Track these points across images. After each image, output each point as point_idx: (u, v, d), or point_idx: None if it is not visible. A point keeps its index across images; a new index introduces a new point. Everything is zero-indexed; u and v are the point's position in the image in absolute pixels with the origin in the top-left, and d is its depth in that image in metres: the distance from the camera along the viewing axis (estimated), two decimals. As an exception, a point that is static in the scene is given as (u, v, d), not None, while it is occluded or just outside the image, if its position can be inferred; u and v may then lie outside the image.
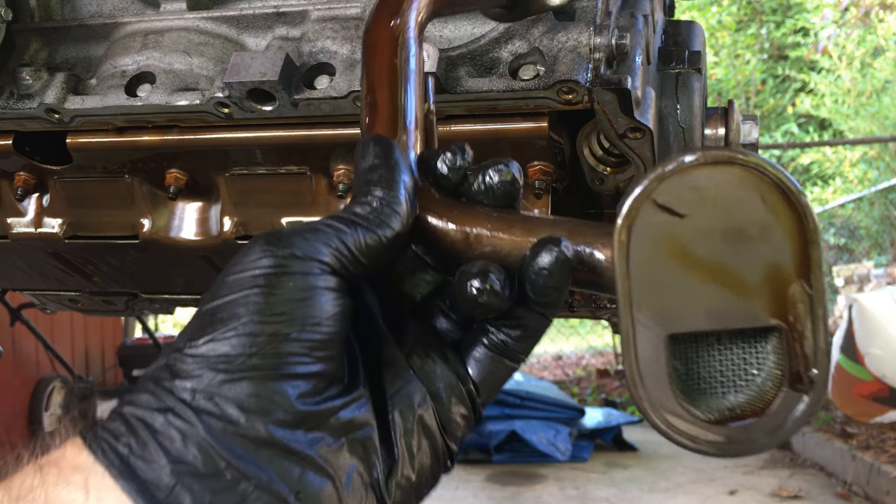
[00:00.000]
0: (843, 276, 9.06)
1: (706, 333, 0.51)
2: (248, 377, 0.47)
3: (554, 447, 5.80)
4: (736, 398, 0.51)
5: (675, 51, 1.14)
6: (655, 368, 0.50)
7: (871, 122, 10.68)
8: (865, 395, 5.34)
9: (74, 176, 1.24)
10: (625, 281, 0.49)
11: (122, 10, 1.14)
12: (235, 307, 0.48)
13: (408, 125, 0.58)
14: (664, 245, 0.49)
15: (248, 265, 0.50)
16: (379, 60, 0.59)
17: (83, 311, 1.78)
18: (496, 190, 0.57)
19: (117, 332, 8.04)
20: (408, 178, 0.55)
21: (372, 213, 0.53)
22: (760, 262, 0.49)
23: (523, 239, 0.54)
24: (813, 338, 0.49)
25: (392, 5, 0.60)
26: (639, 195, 0.49)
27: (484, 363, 0.56)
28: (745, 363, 0.51)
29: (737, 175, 0.49)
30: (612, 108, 0.92)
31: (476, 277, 0.52)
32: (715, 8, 12.15)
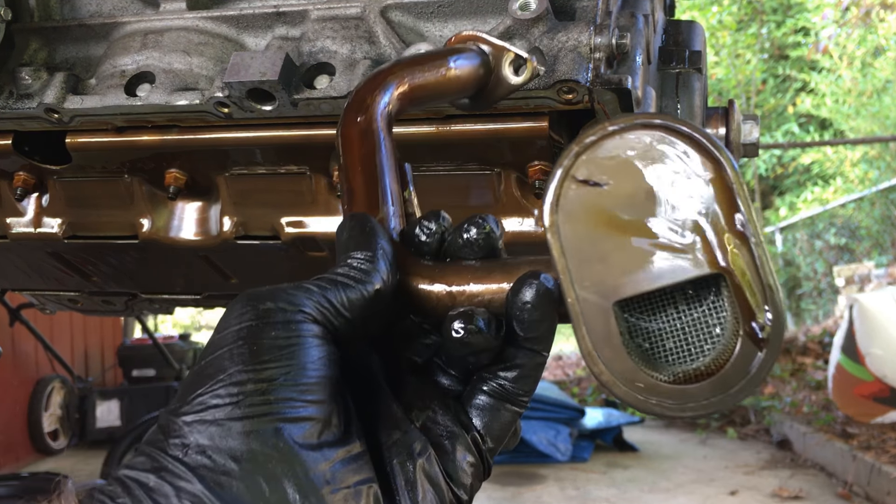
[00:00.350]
0: (843, 276, 9.06)
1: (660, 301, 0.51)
2: (239, 426, 0.47)
3: (554, 447, 5.80)
4: (704, 359, 0.51)
5: (675, 50, 1.13)
6: (609, 340, 0.50)
7: (871, 122, 10.68)
8: (866, 396, 5.34)
9: (74, 176, 1.24)
10: (561, 259, 0.51)
11: (122, 9, 1.14)
12: (221, 361, 0.49)
13: (384, 203, 0.61)
14: (593, 217, 0.51)
15: (232, 322, 0.51)
16: (349, 152, 0.62)
17: (82, 311, 1.78)
18: (476, 243, 0.59)
19: (117, 333, 8.05)
20: (385, 242, 0.57)
21: (352, 271, 0.55)
22: (689, 216, 0.50)
23: (504, 283, 0.55)
24: (759, 278, 0.49)
25: (357, 104, 0.64)
26: (559, 176, 0.51)
27: (486, 410, 0.56)
28: (708, 324, 0.51)
29: (648, 136, 0.50)
30: (612, 108, 0.92)
31: (458, 319, 0.53)
32: (715, 7, 12.15)
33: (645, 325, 0.52)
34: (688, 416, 0.51)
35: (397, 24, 1.03)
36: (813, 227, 11.47)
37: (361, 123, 0.63)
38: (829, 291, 10.79)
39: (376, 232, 0.58)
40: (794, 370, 7.65)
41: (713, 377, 0.50)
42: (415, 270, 0.58)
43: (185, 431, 0.47)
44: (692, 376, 0.51)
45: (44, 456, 6.40)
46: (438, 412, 0.56)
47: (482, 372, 0.57)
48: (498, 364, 0.56)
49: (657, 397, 0.50)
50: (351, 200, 0.61)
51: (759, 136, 1.17)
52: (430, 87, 0.68)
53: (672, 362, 0.51)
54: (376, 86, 0.66)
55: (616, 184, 0.51)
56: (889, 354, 5.08)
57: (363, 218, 0.59)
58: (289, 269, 1.38)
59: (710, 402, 0.50)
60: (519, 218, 1.15)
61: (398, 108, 0.66)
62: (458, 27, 1.02)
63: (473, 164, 1.11)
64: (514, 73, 0.74)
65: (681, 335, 0.52)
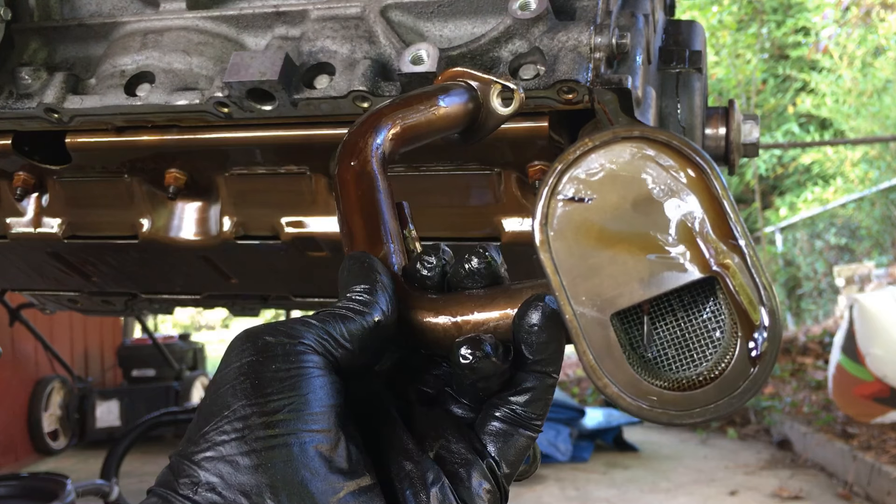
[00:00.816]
0: (843, 276, 9.06)
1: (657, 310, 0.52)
2: (247, 461, 0.47)
3: (554, 447, 5.80)
4: (707, 363, 0.51)
5: (675, 50, 1.13)
6: (610, 352, 0.51)
7: (871, 122, 10.68)
8: (866, 396, 5.33)
9: (74, 176, 1.24)
10: (555, 276, 0.51)
11: (122, 9, 1.14)
12: (224, 398, 0.49)
13: (384, 242, 0.62)
14: (582, 232, 0.51)
15: (232, 359, 0.51)
16: (346, 196, 0.64)
17: (82, 311, 1.78)
18: (478, 273, 0.59)
19: (116, 333, 8.04)
20: (384, 276, 0.58)
21: (352, 304, 0.56)
22: (677, 222, 0.50)
23: (508, 309, 0.56)
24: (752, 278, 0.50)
25: (350, 148, 0.66)
26: (545, 194, 0.51)
27: (500, 436, 0.57)
28: (708, 328, 0.52)
29: (627, 149, 0.51)
30: (612, 108, 0.92)
31: (465, 345, 0.54)
32: (716, 7, 12.14)
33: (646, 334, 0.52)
34: (696, 421, 0.51)
35: (397, 24, 1.02)
36: (813, 227, 11.46)
37: (356, 167, 0.64)
38: (829, 291, 10.79)
39: (374, 266, 0.59)
40: (795, 370, 7.64)
41: (717, 380, 0.50)
42: (419, 304, 0.59)
43: (194, 470, 0.48)
44: (696, 382, 0.51)
45: (44, 456, 6.40)
46: (452, 440, 0.56)
47: (493, 398, 0.57)
48: (508, 389, 0.57)
49: (663, 406, 0.50)
50: (351, 242, 0.62)
51: (759, 136, 1.17)
52: (421, 127, 0.70)
53: (675, 369, 0.52)
54: (368, 129, 0.67)
55: (602, 197, 0.51)
56: (889, 354, 5.08)
57: (361, 255, 0.60)
58: (289, 269, 1.37)
59: (717, 405, 0.50)
60: (519, 218, 1.15)
61: (391, 149, 0.67)
62: (458, 27, 1.01)
63: (473, 164, 1.11)
64: (503, 104, 0.76)
65: (681, 342, 0.52)
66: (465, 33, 1.01)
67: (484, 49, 0.97)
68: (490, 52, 0.97)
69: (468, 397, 0.58)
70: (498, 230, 1.16)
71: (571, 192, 0.52)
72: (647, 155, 0.51)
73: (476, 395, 0.58)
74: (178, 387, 6.78)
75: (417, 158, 1.12)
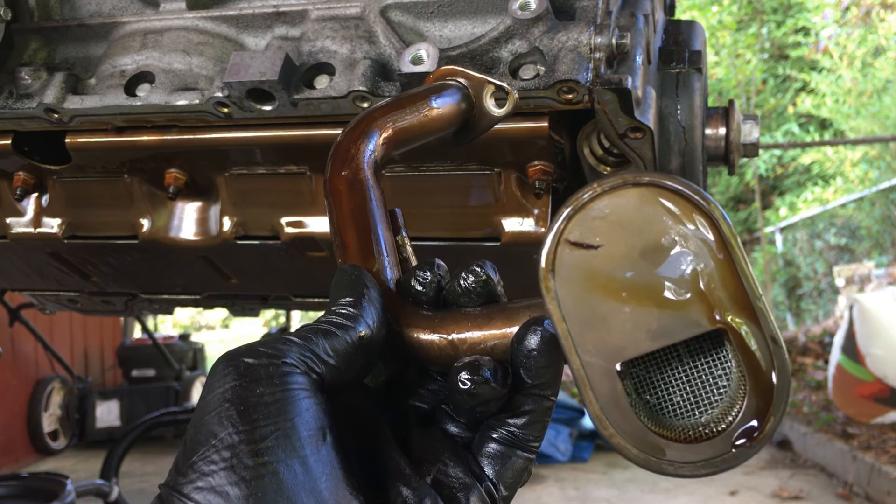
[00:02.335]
0: (843, 277, 9.06)
1: (665, 356, 0.51)
2: (237, 492, 0.46)
3: (554, 447, 5.80)
4: (711, 413, 0.50)
5: (675, 50, 1.13)
6: (616, 402, 0.50)
7: (871, 122, 10.67)
8: (866, 396, 5.33)
9: (73, 176, 1.24)
10: (561, 325, 0.50)
11: (122, 9, 1.14)
12: (211, 426, 0.48)
13: (377, 254, 0.61)
14: (589, 279, 0.50)
15: (215, 385, 0.50)
16: (338, 206, 0.62)
17: (82, 311, 1.78)
18: (474, 291, 0.58)
19: (116, 333, 8.04)
20: (372, 290, 0.57)
21: (335, 318, 0.55)
22: (687, 272, 0.49)
23: (505, 329, 0.55)
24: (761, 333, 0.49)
25: (341, 155, 0.64)
26: (552, 239, 0.50)
27: (497, 458, 0.56)
28: (714, 376, 0.51)
29: (636, 195, 0.50)
30: (612, 108, 0.92)
31: (464, 370, 0.53)
32: (715, 7, 12.14)
33: (653, 379, 0.51)
34: (700, 474, 0.50)
35: (397, 24, 1.02)
36: (813, 227, 11.46)
37: (348, 175, 0.63)
38: (829, 291, 10.79)
39: (362, 280, 0.58)
40: (794, 370, 7.64)
41: (725, 433, 0.50)
42: (414, 321, 0.58)
43: (184, 502, 0.47)
44: (703, 434, 0.50)
45: (44, 456, 6.40)
46: (449, 464, 0.55)
47: (490, 420, 0.57)
48: (506, 412, 0.56)
49: (669, 458, 0.50)
50: (344, 254, 0.61)
51: (759, 136, 1.17)
52: (414, 129, 0.68)
53: (680, 416, 0.51)
54: (360, 134, 0.65)
55: (610, 244, 0.50)
56: (889, 354, 5.08)
57: (350, 268, 0.59)
58: (289, 269, 1.37)
59: (724, 458, 0.49)
60: (519, 218, 1.15)
61: (383, 153, 0.66)
62: (458, 27, 1.01)
63: (473, 164, 1.11)
64: (496, 105, 0.74)
65: (687, 388, 0.51)
66: (465, 33, 1.01)
67: (484, 49, 0.97)
68: (490, 53, 0.97)
69: (465, 417, 0.57)
70: (498, 230, 1.16)
71: (578, 237, 0.50)
72: (657, 202, 0.50)
73: (473, 416, 0.57)
74: (178, 387, 6.79)
75: (417, 158, 1.12)
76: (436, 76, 0.75)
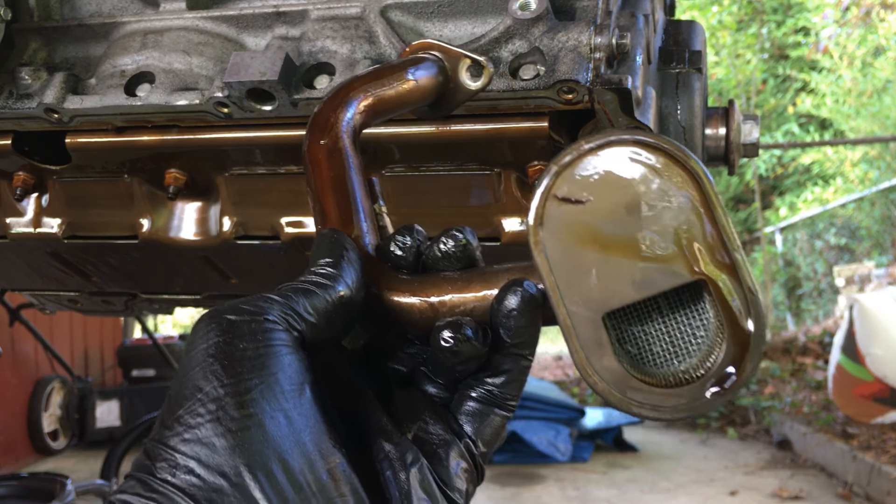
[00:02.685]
0: (843, 277, 9.06)
1: (645, 309, 0.53)
2: (223, 442, 0.47)
3: (554, 447, 5.80)
4: (690, 361, 0.53)
5: (675, 50, 1.13)
6: (600, 350, 0.52)
7: (871, 122, 10.68)
8: (866, 396, 5.33)
9: (73, 176, 1.24)
10: (549, 276, 0.52)
11: (122, 9, 1.14)
12: (196, 381, 0.49)
13: (356, 220, 0.62)
14: (576, 233, 0.52)
15: (198, 342, 0.51)
16: (317, 174, 0.63)
17: (82, 311, 1.78)
18: (454, 255, 0.60)
19: (116, 333, 8.05)
20: (351, 251, 0.58)
21: (314, 277, 0.56)
22: (669, 226, 0.52)
23: (484, 292, 0.57)
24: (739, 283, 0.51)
25: (321, 124, 0.65)
26: (540, 195, 0.52)
27: (476, 416, 0.58)
28: (692, 327, 0.53)
29: (623, 153, 0.52)
30: (612, 108, 0.92)
31: (447, 328, 0.55)
32: (715, 7, 12.14)
33: (634, 332, 0.54)
34: (683, 416, 0.52)
35: (397, 24, 1.02)
36: (813, 227, 11.47)
37: (328, 143, 0.64)
38: (829, 291, 10.79)
39: (341, 242, 0.59)
40: (794, 370, 7.65)
41: (703, 378, 0.52)
42: (394, 285, 0.59)
43: (171, 453, 0.47)
44: (682, 379, 0.52)
45: (44, 456, 6.40)
46: (430, 422, 0.57)
47: (469, 379, 0.58)
48: (485, 371, 0.58)
49: (650, 402, 0.52)
50: (324, 221, 0.62)
51: (759, 136, 1.17)
52: (391, 100, 0.69)
53: (661, 364, 0.53)
54: (339, 103, 0.66)
55: (596, 200, 0.52)
56: (889, 354, 5.08)
57: (330, 232, 0.60)
58: (289, 269, 1.37)
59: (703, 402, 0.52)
60: (519, 218, 1.15)
61: (362, 121, 0.67)
62: (458, 27, 1.02)
63: (473, 164, 1.11)
64: (472, 78, 0.75)
65: (667, 339, 0.53)
66: (465, 33, 1.01)
67: (484, 49, 0.97)
68: (490, 53, 0.97)
69: (444, 378, 0.59)
70: (498, 230, 1.16)
71: (566, 193, 0.52)
72: (642, 159, 0.52)
73: (452, 376, 0.59)
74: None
75: (417, 158, 1.12)
76: (413, 49, 0.76)
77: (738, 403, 7.08)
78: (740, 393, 5.57)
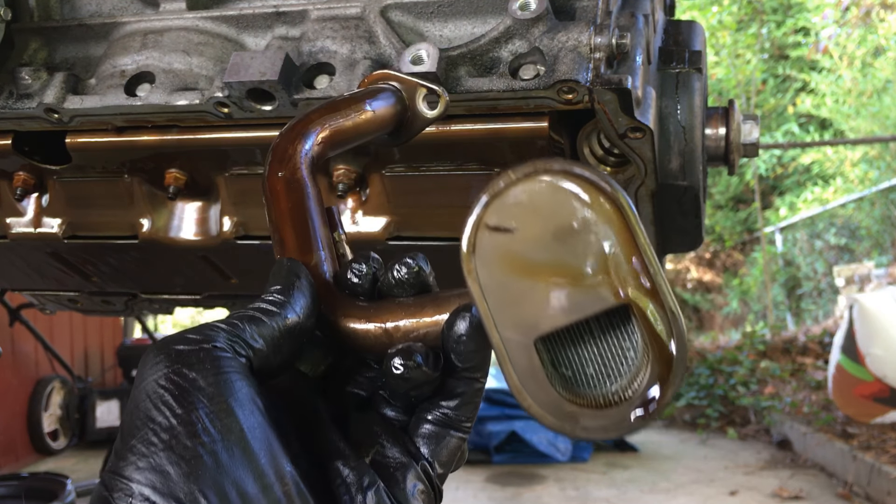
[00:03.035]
0: (843, 276, 9.06)
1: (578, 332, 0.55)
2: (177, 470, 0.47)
3: (554, 447, 5.80)
4: (620, 382, 0.55)
5: (675, 50, 1.13)
6: (533, 374, 0.54)
7: (871, 122, 10.68)
8: (866, 396, 5.33)
9: (74, 176, 1.24)
10: (482, 303, 0.54)
11: (122, 9, 1.14)
12: (147, 411, 0.49)
13: (314, 249, 0.64)
14: (506, 261, 0.54)
15: (147, 374, 0.51)
16: (276, 204, 0.65)
17: (82, 311, 1.78)
18: (407, 282, 0.61)
19: (116, 333, 8.04)
20: (304, 280, 0.60)
21: (263, 304, 0.57)
22: (594, 251, 0.54)
23: (436, 316, 0.59)
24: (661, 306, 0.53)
25: (279, 156, 0.67)
26: (472, 224, 0.54)
27: (432, 438, 0.59)
28: (623, 349, 0.55)
29: (548, 182, 0.54)
30: (612, 108, 0.92)
31: (398, 356, 0.56)
32: (715, 7, 12.14)
33: (568, 354, 0.56)
34: (614, 436, 0.55)
35: (397, 24, 1.03)
36: (813, 227, 11.46)
37: (286, 175, 0.66)
38: (829, 291, 10.79)
39: (294, 270, 0.60)
40: (794, 370, 7.64)
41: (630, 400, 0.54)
42: (349, 311, 0.61)
43: (125, 483, 0.48)
44: (612, 400, 0.54)
45: (44, 456, 6.40)
46: (387, 445, 0.58)
47: (425, 403, 0.60)
48: (440, 395, 0.59)
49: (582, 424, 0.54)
50: (282, 250, 0.64)
51: (759, 136, 1.17)
52: (349, 131, 0.71)
53: (592, 386, 0.55)
54: (296, 136, 0.68)
55: (525, 228, 0.54)
56: (889, 354, 5.08)
57: (287, 261, 0.61)
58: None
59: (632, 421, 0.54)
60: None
61: (320, 152, 0.68)
62: (458, 27, 1.02)
63: (473, 164, 1.11)
64: (429, 107, 0.77)
65: (599, 360, 0.55)
66: (465, 33, 1.01)
67: (484, 49, 0.97)
68: (490, 52, 0.97)
69: (400, 401, 0.60)
70: (498, 230, 1.16)
71: (496, 222, 0.54)
72: (567, 188, 0.54)
73: (408, 400, 0.60)
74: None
75: (417, 158, 1.12)
76: (370, 80, 0.79)
77: (738, 403, 7.08)
78: (741, 393, 5.53)
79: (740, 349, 8.42)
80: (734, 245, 14.00)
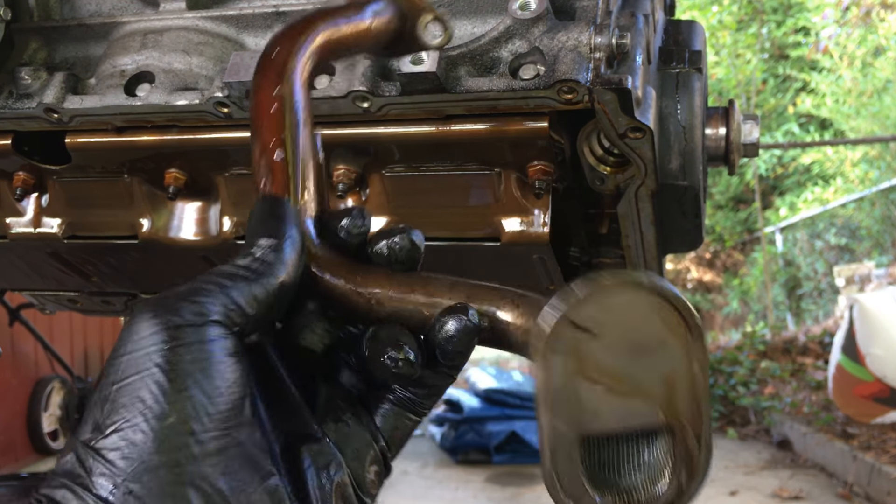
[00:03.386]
0: (843, 276, 9.06)
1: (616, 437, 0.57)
2: (167, 471, 0.46)
3: (554, 447, 5.79)
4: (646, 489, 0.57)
5: (675, 50, 1.13)
6: (569, 465, 0.55)
7: (872, 122, 10.68)
8: (866, 396, 5.34)
9: (73, 176, 1.24)
10: (545, 391, 0.55)
11: (122, 9, 1.14)
12: (138, 389, 0.47)
13: (305, 187, 0.59)
14: (578, 358, 0.55)
15: (141, 343, 0.49)
16: (269, 128, 0.59)
17: (82, 311, 1.78)
18: (399, 255, 0.59)
19: (116, 333, 8.03)
20: (294, 231, 0.56)
21: (255, 263, 0.55)
22: (662, 372, 0.56)
23: (425, 301, 0.58)
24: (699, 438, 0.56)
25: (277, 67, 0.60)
26: (559, 315, 0.55)
27: (390, 418, 0.60)
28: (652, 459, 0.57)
29: (643, 297, 0.56)
30: (612, 108, 0.92)
31: (391, 347, 0.55)
32: (716, 7, 12.14)
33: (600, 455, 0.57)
34: None
35: (397, 24, 1.02)
36: (813, 227, 11.47)
37: (282, 92, 0.59)
38: (829, 291, 10.80)
39: (286, 218, 0.56)
40: (794, 370, 7.65)
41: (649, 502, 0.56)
42: (332, 268, 0.58)
43: (108, 468, 0.46)
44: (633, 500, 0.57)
45: (44, 456, 6.40)
46: (351, 424, 0.58)
47: None
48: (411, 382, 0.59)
49: None
50: (270, 182, 0.58)
51: (759, 136, 1.17)
52: (346, 40, 0.66)
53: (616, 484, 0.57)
54: (293, 43, 0.62)
55: (606, 335, 0.55)
56: (889, 354, 5.08)
57: (275, 202, 0.57)
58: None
59: None
60: (519, 218, 1.15)
61: (316, 61, 0.63)
62: (458, 27, 1.02)
63: (473, 164, 1.11)
64: (430, 36, 0.74)
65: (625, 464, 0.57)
66: (464, 33, 1.01)
67: (484, 49, 0.97)
68: (490, 52, 0.97)
69: (367, 375, 0.59)
70: (498, 230, 1.16)
71: (582, 321, 0.55)
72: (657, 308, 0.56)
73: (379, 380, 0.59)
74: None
75: (417, 158, 1.12)
76: None
77: (738, 403, 7.07)
78: (741, 393, 5.54)
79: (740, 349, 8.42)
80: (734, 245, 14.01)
